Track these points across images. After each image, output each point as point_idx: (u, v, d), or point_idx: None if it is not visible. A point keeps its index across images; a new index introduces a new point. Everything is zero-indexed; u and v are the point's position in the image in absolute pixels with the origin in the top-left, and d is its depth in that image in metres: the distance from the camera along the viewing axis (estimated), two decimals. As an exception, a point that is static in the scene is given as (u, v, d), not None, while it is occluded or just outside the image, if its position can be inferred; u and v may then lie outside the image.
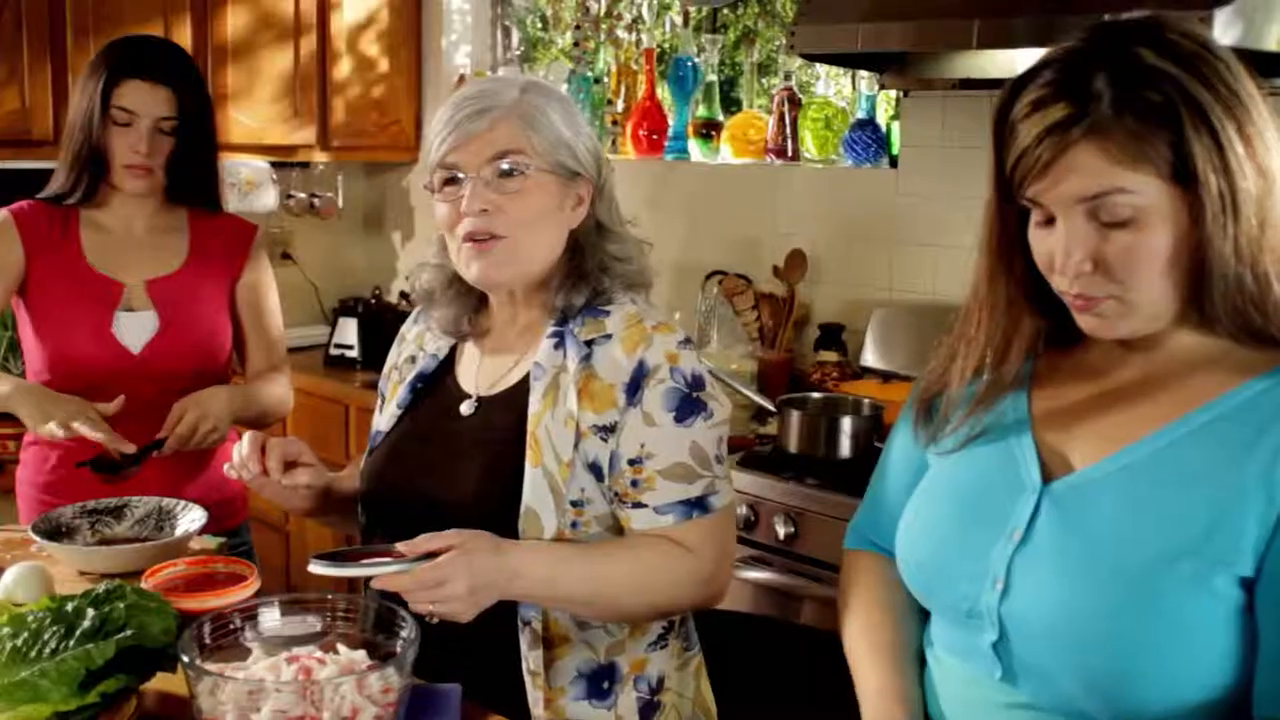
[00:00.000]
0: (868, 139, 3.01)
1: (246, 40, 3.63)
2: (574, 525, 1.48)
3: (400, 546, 1.33)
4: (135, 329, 2.14)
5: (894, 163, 2.99)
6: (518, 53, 4.11)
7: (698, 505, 1.48)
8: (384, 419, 1.68)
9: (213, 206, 2.27)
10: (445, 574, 1.30)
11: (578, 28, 3.59)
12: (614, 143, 3.50)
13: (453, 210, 1.49)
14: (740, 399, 2.79)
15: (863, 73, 3.03)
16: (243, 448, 1.54)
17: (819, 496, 2.36)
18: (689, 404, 1.48)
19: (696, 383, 1.49)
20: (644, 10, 3.61)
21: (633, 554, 1.47)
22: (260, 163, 3.78)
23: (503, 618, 1.44)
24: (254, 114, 3.67)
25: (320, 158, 3.88)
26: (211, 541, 1.89)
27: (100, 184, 2.15)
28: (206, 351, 2.20)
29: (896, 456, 1.43)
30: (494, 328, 1.63)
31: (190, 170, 2.16)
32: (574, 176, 1.52)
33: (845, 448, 2.44)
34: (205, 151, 2.19)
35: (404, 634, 1.28)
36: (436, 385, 1.65)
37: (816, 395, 2.64)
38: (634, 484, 1.47)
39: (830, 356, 2.98)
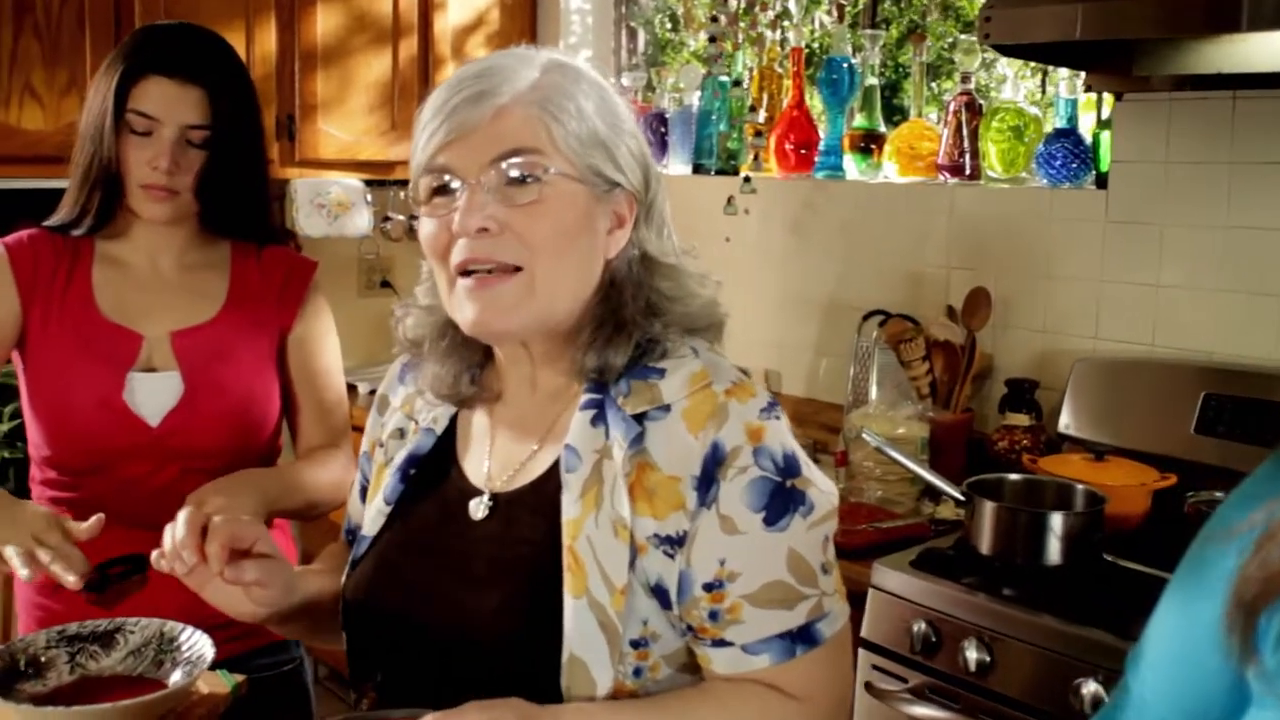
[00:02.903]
0: (1068, 152, 2.58)
1: (339, 44, 3.31)
2: (637, 673, 1.12)
3: None
4: (153, 394, 1.70)
5: (1102, 182, 2.55)
6: (644, 56, 3.73)
7: (801, 638, 1.12)
8: (369, 517, 1.29)
9: (260, 239, 1.82)
10: None
11: (714, 19, 3.14)
12: (755, 158, 3.07)
13: (442, 230, 1.13)
14: (904, 471, 2.29)
15: (1061, 72, 2.58)
16: (177, 529, 1.19)
17: (1015, 616, 1.83)
18: (783, 497, 1.11)
19: (790, 467, 1.12)
20: (790, 4, 3.18)
21: (720, 708, 1.13)
22: (354, 181, 3.44)
23: None
24: (346, 126, 3.34)
25: (421, 175, 3.49)
26: (227, 680, 1.46)
27: (116, 209, 1.72)
28: (243, 424, 1.74)
29: (1178, 664, 0.89)
30: (507, 390, 1.25)
31: (228, 192, 1.73)
32: (612, 189, 1.15)
33: (1054, 551, 1.92)
34: (248, 168, 1.75)
35: None
36: (435, 473, 1.27)
37: (1014, 477, 2.12)
38: (713, 616, 1.11)
39: (1020, 420, 2.52)
